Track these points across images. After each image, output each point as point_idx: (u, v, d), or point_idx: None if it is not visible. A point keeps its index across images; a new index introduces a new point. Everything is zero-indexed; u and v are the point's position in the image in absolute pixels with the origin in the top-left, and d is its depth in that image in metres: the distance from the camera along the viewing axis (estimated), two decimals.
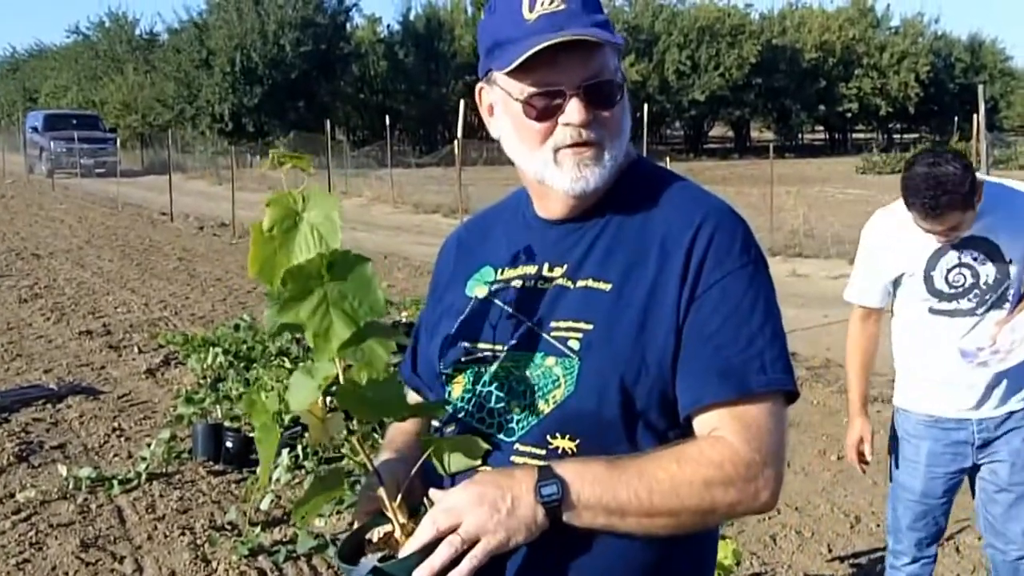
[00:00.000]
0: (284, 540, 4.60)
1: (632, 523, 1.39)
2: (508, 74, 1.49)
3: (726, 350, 1.43)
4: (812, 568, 4.39)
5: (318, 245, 1.33)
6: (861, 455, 3.40)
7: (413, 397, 1.74)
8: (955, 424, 3.20)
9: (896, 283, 3.26)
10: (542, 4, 1.47)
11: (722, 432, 1.42)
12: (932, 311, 3.18)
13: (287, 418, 5.48)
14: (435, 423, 1.62)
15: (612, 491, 1.36)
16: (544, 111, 1.49)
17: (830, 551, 4.55)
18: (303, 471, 5.35)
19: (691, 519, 1.41)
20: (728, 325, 1.44)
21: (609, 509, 1.37)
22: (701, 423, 1.44)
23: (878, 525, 4.81)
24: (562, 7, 1.47)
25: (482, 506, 1.33)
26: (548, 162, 1.51)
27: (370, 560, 1.36)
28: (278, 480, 5.23)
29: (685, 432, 1.46)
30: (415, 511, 1.43)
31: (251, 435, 5.69)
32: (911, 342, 3.28)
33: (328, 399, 1.42)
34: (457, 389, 1.57)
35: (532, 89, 1.48)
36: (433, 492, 1.39)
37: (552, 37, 1.43)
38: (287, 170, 1.43)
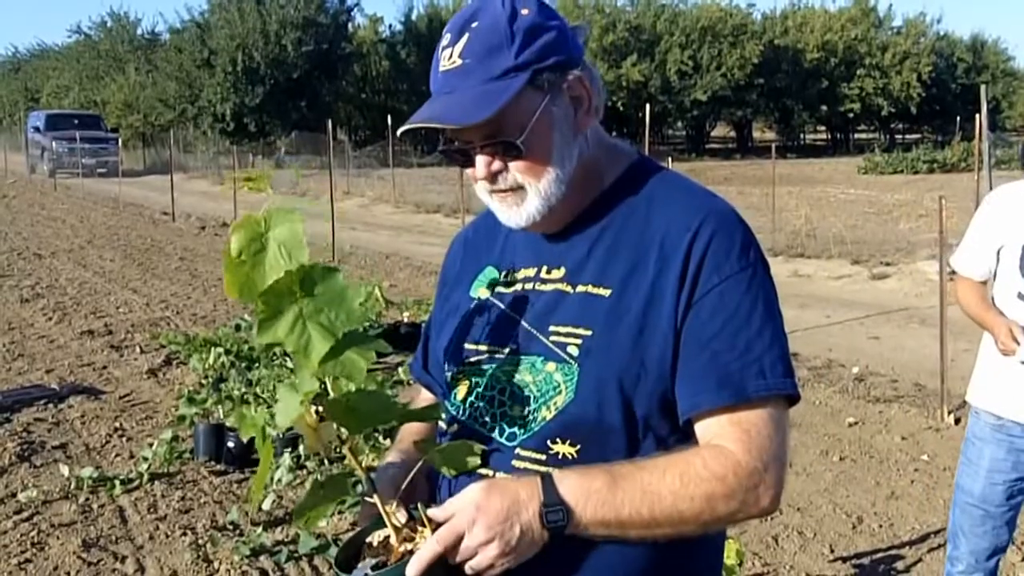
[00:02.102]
0: (286, 540, 4.60)
1: (632, 534, 1.40)
2: None
3: (724, 356, 1.42)
4: (814, 569, 4.38)
5: (287, 262, 1.34)
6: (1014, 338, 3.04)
7: (425, 394, 1.77)
8: (1020, 431, 3.13)
9: (997, 257, 3.16)
10: (445, 59, 1.48)
11: (723, 440, 1.41)
12: (1021, 296, 3.08)
13: None
14: (441, 424, 1.62)
15: (615, 510, 1.37)
16: (463, 161, 1.53)
17: (832, 552, 4.54)
18: (305, 471, 5.35)
19: (692, 528, 1.42)
20: (726, 330, 1.43)
21: (610, 526, 1.38)
22: (701, 429, 1.45)
23: (880, 526, 4.81)
24: (456, 64, 1.46)
25: (489, 535, 1.34)
26: (486, 198, 1.56)
27: (363, 566, 1.36)
28: (279, 480, 5.22)
29: (686, 435, 1.46)
30: (414, 515, 1.43)
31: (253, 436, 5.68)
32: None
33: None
34: (462, 391, 1.57)
35: (450, 144, 1.53)
36: (432, 511, 1.40)
37: (420, 117, 1.47)
38: (246, 190, 1.43)
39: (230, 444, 5.59)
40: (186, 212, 20.34)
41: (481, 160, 1.49)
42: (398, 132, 1.56)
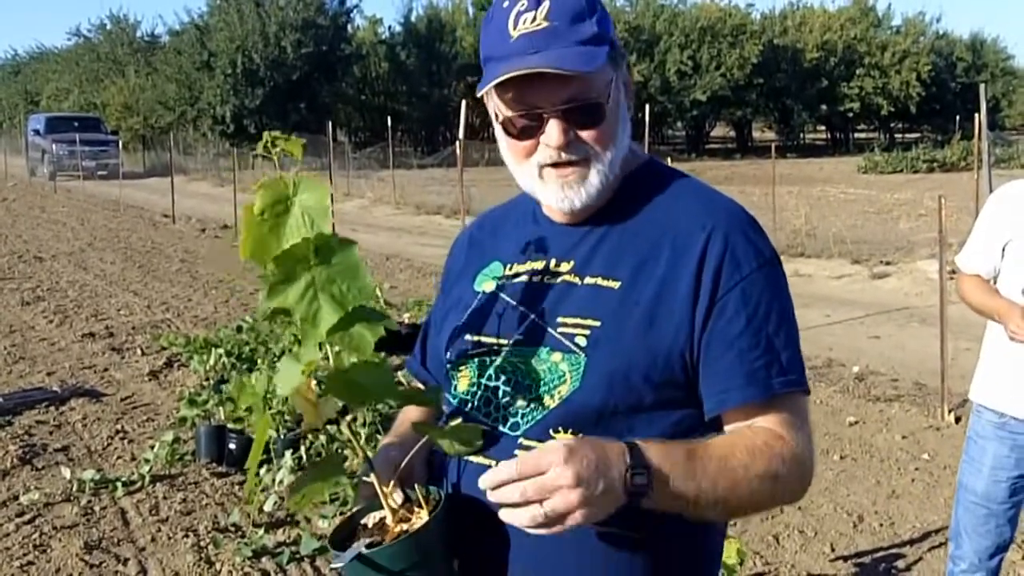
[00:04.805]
0: (287, 541, 4.60)
1: (699, 508, 1.39)
2: (493, 91, 1.50)
3: (749, 353, 1.44)
4: (815, 568, 4.39)
5: (309, 229, 1.34)
6: None
7: None
8: (1023, 428, 3.13)
9: (1003, 251, 3.14)
10: (524, 22, 1.47)
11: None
12: None
13: (289, 418, 5.50)
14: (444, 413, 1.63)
15: (695, 483, 1.36)
16: (524, 131, 1.50)
17: (833, 550, 4.54)
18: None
19: (748, 508, 1.44)
20: (750, 328, 1.45)
21: (686, 499, 1.37)
22: (731, 426, 1.47)
23: (880, 524, 4.82)
24: (543, 26, 1.46)
25: (575, 480, 1.26)
26: (534, 177, 1.53)
27: (356, 546, 1.36)
28: (280, 482, 5.22)
29: (690, 429, 1.47)
30: (411, 497, 1.43)
31: (254, 436, 5.69)
32: (994, 328, 3.18)
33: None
34: (463, 382, 1.58)
35: (511, 111, 1.50)
36: (522, 455, 1.32)
37: (516, 66, 1.43)
38: (278, 153, 1.43)
39: (231, 446, 5.60)
40: (186, 214, 20.34)
41: (557, 126, 1.47)
42: (484, 88, 1.48)
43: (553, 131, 1.47)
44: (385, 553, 1.34)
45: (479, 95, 1.52)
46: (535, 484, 1.26)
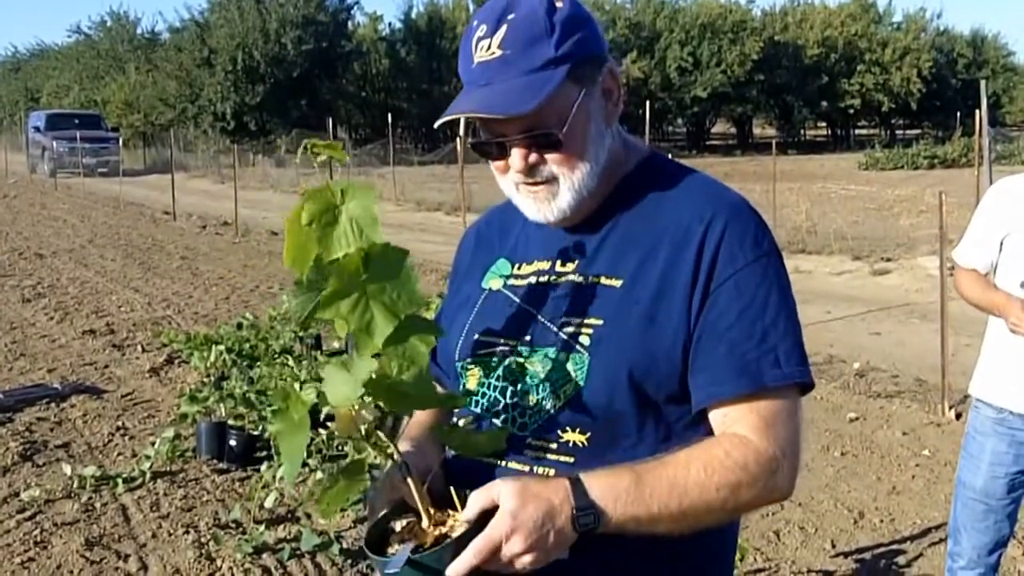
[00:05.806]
0: (288, 538, 4.60)
1: (662, 528, 1.40)
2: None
3: (741, 346, 1.43)
4: (816, 564, 4.39)
5: (359, 239, 1.32)
6: None
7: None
8: (1022, 423, 3.13)
9: (1001, 246, 3.13)
10: (481, 50, 1.47)
11: (741, 428, 1.43)
12: None
13: None
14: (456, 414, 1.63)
15: (644, 507, 1.37)
16: (495, 153, 1.52)
17: (833, 547, 4.54)
18: (307, 469, 5.35)
19: (719, 517, 1.44)
20: (743, 320, 1.44)
21: (640, 522, 1.38)
22: (717, 417, 1.46)
23: (881, 521, 4.82)
24: (496, 55, 1.45)
25: (527, 546, 1.32)
26: (512, 191, 1.56)
27: (404, 551, 1.36)
28: (282, 478, 5.23)
29: (694, 422, 1.48)
30: (438, 501, 1.43)
31: (254, 433, 5.70)
32: (995, 323, 3.17)
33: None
34: (472, 382, 1.58)
35: (483, 134, 1.52)
36: (473, 499, 1.37)
37: (460, 107, 1.46)
38: (321, 161, 1.42)
39: (232, 442, 5.60)
40: (187, 211, 20.35)
41: (518, 153, 1.48)
42: (436, 123, 1.54)
43: (515, 158, 1.49)
44: (433, 556, 1.35)
45: (436, 126, 1.56)
46: (496, 564, 1.33)
